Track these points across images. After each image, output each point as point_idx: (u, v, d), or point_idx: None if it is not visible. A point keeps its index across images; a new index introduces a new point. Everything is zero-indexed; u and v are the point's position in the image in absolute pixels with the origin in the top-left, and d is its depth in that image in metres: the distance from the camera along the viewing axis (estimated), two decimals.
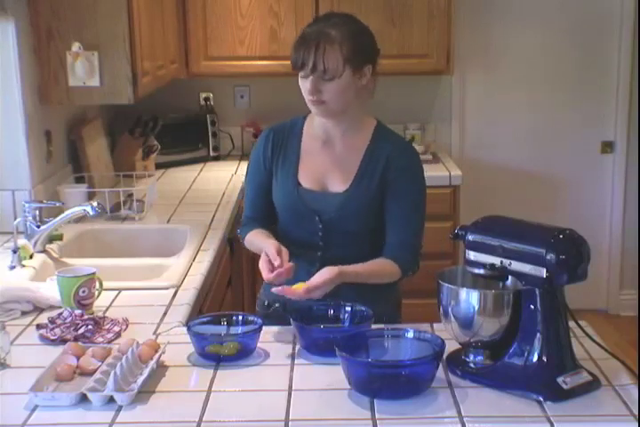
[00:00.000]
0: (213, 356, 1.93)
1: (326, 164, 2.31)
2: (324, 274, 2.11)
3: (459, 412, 1.68)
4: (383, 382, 1.73)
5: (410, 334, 1.87)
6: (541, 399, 1.71)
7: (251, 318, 2.06)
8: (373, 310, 2.05)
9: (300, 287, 2.08)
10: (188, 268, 2.70)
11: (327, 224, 2.29)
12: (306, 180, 2.31)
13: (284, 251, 2.16)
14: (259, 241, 2.30)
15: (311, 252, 2.32)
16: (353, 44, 2.18)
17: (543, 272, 1.72)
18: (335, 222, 2.28)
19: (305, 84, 2.20)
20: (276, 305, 2.37)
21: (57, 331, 2.08)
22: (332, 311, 2.08)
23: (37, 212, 2.84)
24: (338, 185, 2.29)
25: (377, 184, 2.27)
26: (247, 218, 2.44)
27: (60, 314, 2.16)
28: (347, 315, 2.08)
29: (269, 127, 2.42)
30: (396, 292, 2.44)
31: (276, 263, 2.11)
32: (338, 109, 2.24)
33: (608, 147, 4.87)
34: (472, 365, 1.85)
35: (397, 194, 2.28)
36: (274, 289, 2.09)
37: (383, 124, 2.38)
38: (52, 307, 2.29)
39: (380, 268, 2.26)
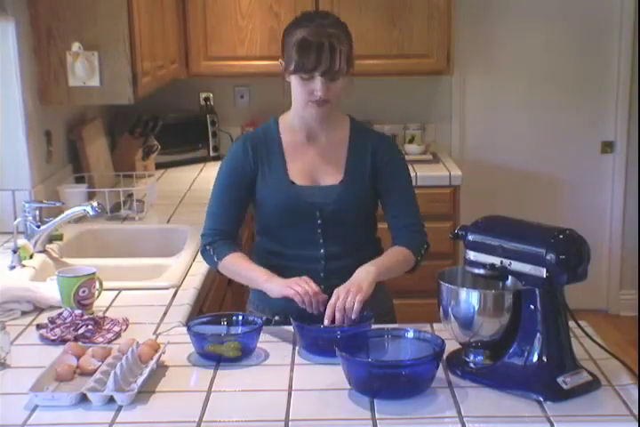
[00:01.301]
0: (213, 356, 1.93)
1: (314, 158, 2.32)
2: (366, 277, 2.12)
3: (459, 412, 1.68)
4: (383, 382, 1.73)
5: (410, 334, 1.87)
6: (541, 399, 1.71)
7: (251, 318, 2.06)
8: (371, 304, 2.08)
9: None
10: (188, 268, 2.70)
11: (327, 218, 2.28)
12: (297, 177, 2.30)
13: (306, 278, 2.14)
14: (249, 270, 2.23)
15: (313, 251, 2.31)
16: (350, 44, 2.24)
17: (543, 272, 1.72)
18: (335, 215, 2.28)
19: (309, 86, 2.19)
20: (276, 318, 2.33)
21: (57, 331, 2.08)
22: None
23: (37, 212, 2.84)
24: (331, 177, 2.30)
25: (369, 172, 2.31)
26: (214, 231, 2.31)
27: (60, 314, 2.16)
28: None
29: (241, 136, 2.38)
30: (384, 288, 2.44)
31: (321, 298, 2.08)
32: (335, 108, 2.27)
33: (608, 147, 4.87)
34: (472, 365, 1.85)
35: (392, 180, 2.32)
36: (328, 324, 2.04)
37: (355, 119, 2.41)
38: (51, 307, 2.29)
39: (402, 258, 2.28)
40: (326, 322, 2.02)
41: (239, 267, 2.26)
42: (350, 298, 2.03)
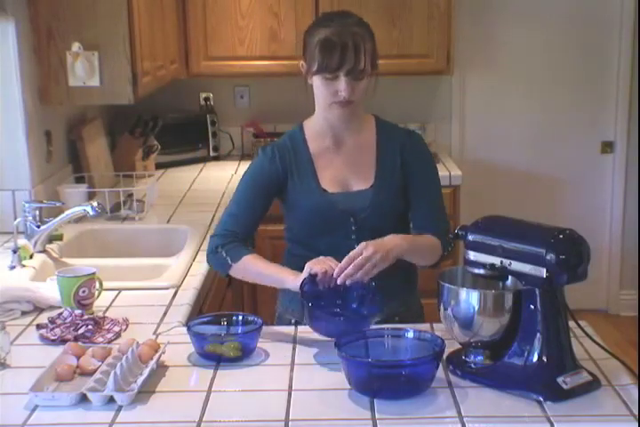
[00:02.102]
0: (213, 356, 1.93)
1: (344, 164, 2.29)
2: (396, 248, 2.07)
3: (459, 412, 1.68)
4: (383, 382, 1.73)
5: (410, 334, 1.87)
6: (541, 399, 1.71)
7: (251, 318, 2.06)
8: (398, 313, 2.09)
9: None
10: (188, 268, 2.70)
11: (361, 224, 2.26)
12: (329, 184, 2.27)
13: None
14: (272, 270, 2.17)
15: (349, 251, 2.19)
16: (374, 43, 2.21)
17: (543, 272, 1.72)
18: (369, 220, 2.25)
19: (333, 86, 2.16)
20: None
21: (57, 331, 2.08)
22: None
23: (37, 212, 2.84)
24: (362, 182, 2.28)
25: (399, 172, 2.28)
26: (229, 232, 2.26)
27: (60, 314, 2.16)
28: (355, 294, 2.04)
29: (268, 145, 2.33)
30: (417, 292, 2.45)
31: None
32: (358, 108, 2.25)
33: (608, 147, 4.87)
34: (472, 365, 1.85)
35: (421, 180, 2.30)
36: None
37: (380, 117, 2.39)
38: (51, 307, 2.29)
39: (432, 245, 2.25)
40: (339, 279, 1.97)
41: (260, 267, 2.19)
42: (371, 263, 1.98)
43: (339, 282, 1.99)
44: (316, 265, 2.04)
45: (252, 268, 2.20)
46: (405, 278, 2.38)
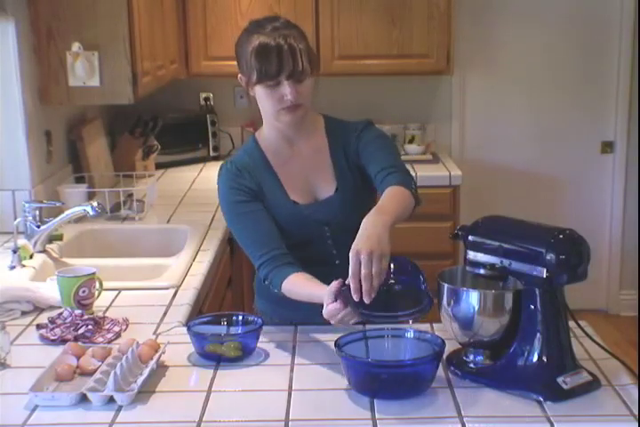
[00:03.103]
0: (213, 356, 1.93)
1: (304, 170, 2.26)
2: (383, 231, 1.85)
3: (459, 412, 1.68)
4: (383, 382, 1.73)
5: (410, 334, 1.87)
6: (541, 399, 1.71)
7: (251, 318, 2.06)
8: None
9: None
10: (188, 268, 2.70)
11: (335, 230, 2.25)
12: (297, 195, 2.24)
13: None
14: (310, 289, 2.02)
15: (326, 263, 2.24)
16: (307, 42, 2.17)
17: (543, 272, 1.72)
18: (342, 225, 2.22)
19: (277, 92, 2.10)
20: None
21: (57, 331, 2.08)
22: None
23: (37, 212, 2.84)
24: (326, 186, 2.25)
25: (355, 168, 2.24)
26: (262, 256, 2.12)
27: (60, 314, 2.16)
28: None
29: (226, 162, 2.25)
30: None
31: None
32: (307, 111, 2.19)
33: (608, 147, 4.87)
34: (472, 365, 1.85)
35: (368, 146, 2.21)
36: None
37: (328, 115, 2.33)
38: (51, 307, 2.29)
39: (402, 196, 2.04)
40: (365, 299, 1.77)
41: (298, 288, 2.06)
42: (376, 267, 1.78)
43: (367, 301, 1.79)
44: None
45: (293, 290, 2.07)
46: None
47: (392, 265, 1.84)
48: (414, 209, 2.08)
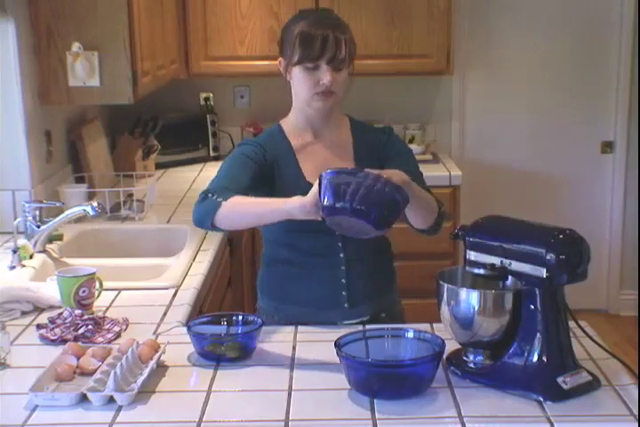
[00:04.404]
0: (213, 356, 1.93)
1: (325, 158, 2.28)
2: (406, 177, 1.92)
3: (459, 412, 1.68)
4: (383, 382, 1.73)
5: (410, 334, 1.87)
6: (541, 399, 1.71)
7: (251, 318, 2.06)
8: (384, 308, 2.07)
9: None
10: (188, 268, 2.70)
11: None
12: (313, 178, 2.23)
13: None
14: (263, 202, 2.04)
15: (332, 255, 2.26)
16: (352, 38, 2.22)
17: (543, 272, 1.72)
18: None
19: (315, 76, 2.16)
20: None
21: (57, 331, 2.08)
22: None
23: (37, 212, 2.84)
24: None
25: (378, 167, 2.23)
26: (221, 187, 2.14)
27: (60, 314, 2.16)
28: None
29: (250, 140, 2.29)
30: (397, 289, 2.44)
31: None
32: (339, 101, 2.24)
33: (608, 147, 4.87)
34: (472, 365, 1.85)
35: (397, 162, 2.21)
36: None
37: (354, 118, 2.38)
38: (52, 307, 2.29)
39: (431, 197, 2.14)
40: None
41: (251, 202, 2.06)
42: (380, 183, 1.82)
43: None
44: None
45: (245, 201, 2.06)
46: (384, 277, 2.36)
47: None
48: (437, 220, 2.15)
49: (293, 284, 2.27)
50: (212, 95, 4.75)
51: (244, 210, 2.06)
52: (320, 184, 1.85)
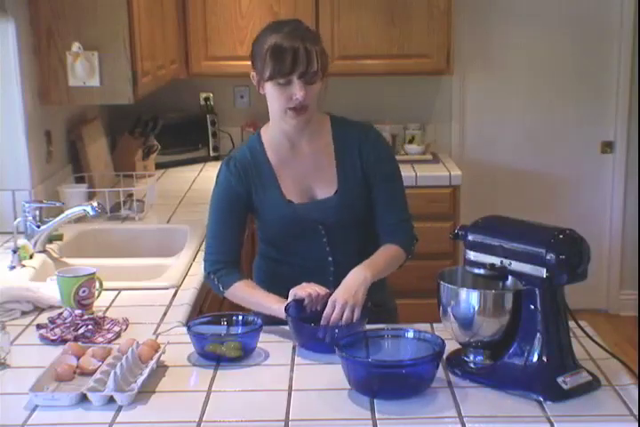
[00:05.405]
0: (213, 356, 1.93)
1: (305, 171, 2.28)
2: (362, 283, 2.10)
3: (459, 412, 1.68)
4: (383, 382, 1.73)
5: (410, 334, 1.87)
6: (541, 399, 1.71)
7: (251, 318, 2.06)
8: (371, 298, 2.10)
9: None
10: (188, 268, 2.70)
11: (330, 230, 2.28)
12: (293, 194, 2.27)
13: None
14: (258, 298, 2.20)
15: (320, 259, 2.30)
16: (323, 49, 2.19)
17: (543, 272, 1.72)
18: (337, 226, 2.27)
19: (287, 92, 2.14)
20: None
21: (57, 331, 2.08)
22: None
23: (37, 212, 2.84)
24: (326, 188, 2.27)
25: (360, 171, 2.27)
26: (216, 256, 2.28)
27: (60, 314, 2.16)
28: None
29: (228, 158, 2.32)
30: (386, 280, 2.44)
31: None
32: (313, 114, 2.22)
33: (608, 147, 4.87)
34: (472, 365, 1.85)
35: (381, 177, 2.28)
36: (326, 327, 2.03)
37: (335, 115, 2.35)
38: (52, 307, 2.29)
39: (396, 257, 2.26)
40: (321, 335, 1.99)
41: (247, 295, 2.22)
42: (348, 312, 2.02)
43: (326, 340, 1.97)
44: (300, 290, 2.09)
45: (241, 295, 2.24)
46: None
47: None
48: (405, 261, 2.31)
49: (282, 281, 2.26)
50: (212, 95, 4.75)
51: (241, 302, 2.26)
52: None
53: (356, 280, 2.10)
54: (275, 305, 2.12)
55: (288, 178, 2.28)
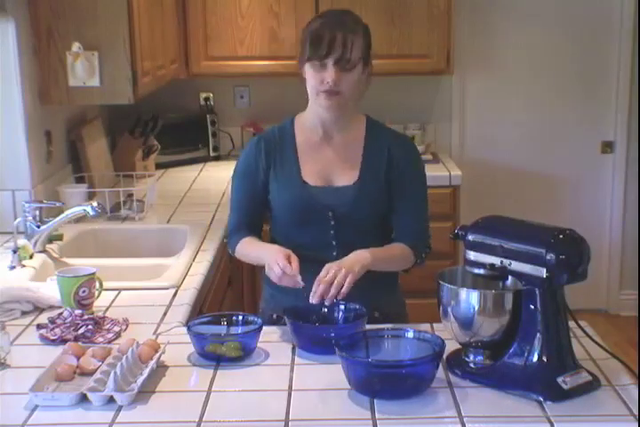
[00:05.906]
0: (213, 356, 1.93)
1: (328, 158, 2.31)
2: (361, 260, 2.13)
3: (459, 412, 1.68)
4: (383, 382, 1.73)
5: (410, 334, 1.87)
6: (541, 399, 1.71)
7: (251, 318, 2.06)
8: (378, 305, 2.09)
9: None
10: (188, 268, 2.70)
11: (340, 219, 2.28)
12: (310, 177, 2.29)
13: (293, 257, 2.13)
14: (255, 249, 2.29)
15: (326, 253, 2.28)
16: (367, 39, 2.28)
17: (543, 272, 1.72)
18: (348, 217, 2.27)
19: (321, 74, 2.19)
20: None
21: (57, 331, 2.08)
22: (325, 310, 2.08)
23: (37, 212, 2.84)
24: (345, 178, 2.29)
25: (384, 174, 2.29)
26: (236, 224, 2.39)
27: (60, 314, 2.16)
28: (340, 313, 2.08)
29: (257, 136, 2.41)
30: (398, 287, 2.45)
31: (289, 271, 2.09)
32: (347, 102, 2.26)
33: (608, 147, 4.87)
34: (472, 365, 1.85)
35: (406, 184, 2.31)
36: (314, 300, 2.06)
37: (372, 118, 2.39)
38: (52, 307, 2.29)
39: (401, 255, 2.29)
40: (312, 299, 2.04)
41: (247, 252, 2.33)
42: (341, 276, 2.05)
43: (313, 301, 2.05)
44: (274, 266, 2.11)
45: (243, 253, 2.35)
46: (380, 277, 2.34)
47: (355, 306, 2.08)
48: (413, 266, 2.34)
49: None
50: (212, 95, 4.75)
51: (247, 261, 2.39)
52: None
53: (355, 256, 2.15)
54: (266, 252, 2.19)
55: (310, 161, 2.31)
